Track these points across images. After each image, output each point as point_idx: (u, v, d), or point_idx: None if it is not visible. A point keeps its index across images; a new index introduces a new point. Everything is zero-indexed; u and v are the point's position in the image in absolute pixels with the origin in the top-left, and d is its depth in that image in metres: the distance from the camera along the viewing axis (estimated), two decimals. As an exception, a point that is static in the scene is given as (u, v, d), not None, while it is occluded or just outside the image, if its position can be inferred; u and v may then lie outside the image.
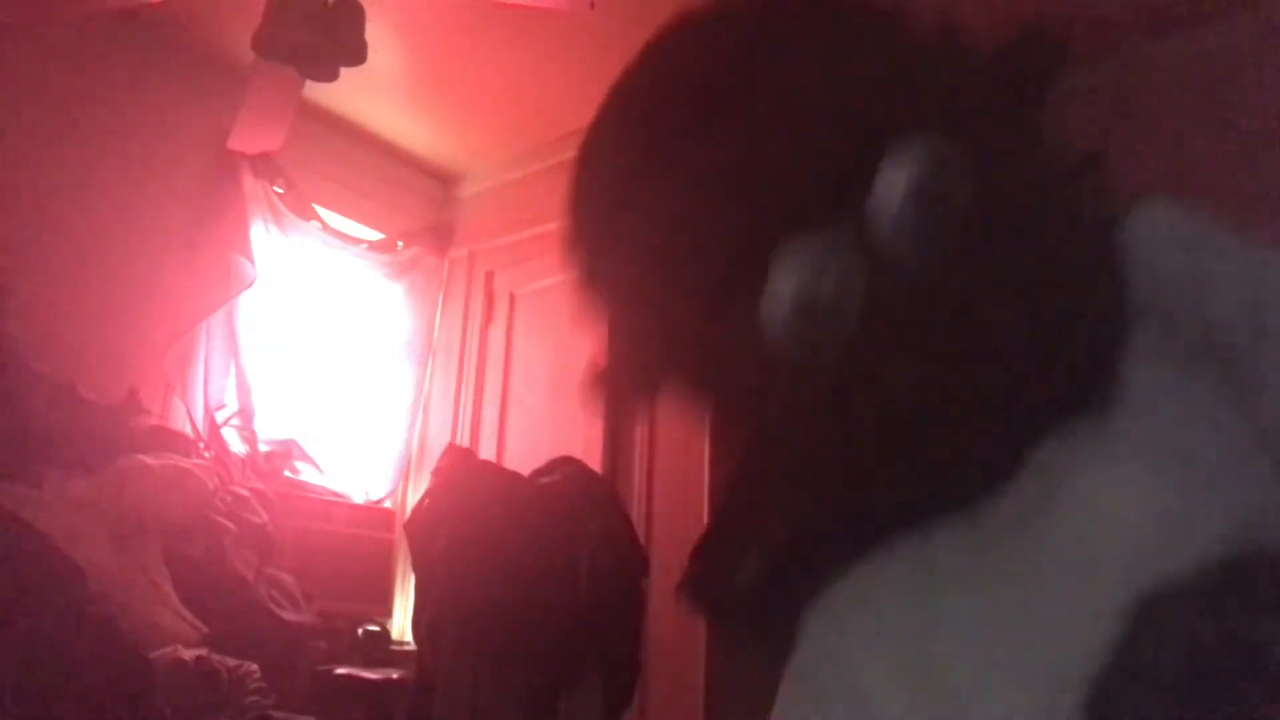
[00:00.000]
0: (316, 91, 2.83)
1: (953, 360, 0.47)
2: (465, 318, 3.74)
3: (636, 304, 0.57)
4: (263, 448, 3.13)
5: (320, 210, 3.50)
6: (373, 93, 3.28)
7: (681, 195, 0.52)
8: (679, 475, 2.85)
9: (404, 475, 3.62)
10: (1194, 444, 0.48)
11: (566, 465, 2.41)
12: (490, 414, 3.52)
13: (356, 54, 2.33)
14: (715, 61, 0.52)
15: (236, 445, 3.05)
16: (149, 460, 2.42)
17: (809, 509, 0.56)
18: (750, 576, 0.60)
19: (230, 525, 2.55)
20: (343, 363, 3.58)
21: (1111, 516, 0.46)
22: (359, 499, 3.46)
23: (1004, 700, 0.45)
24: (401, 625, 3.41)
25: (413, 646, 2.60)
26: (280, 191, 3.33)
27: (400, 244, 3.75)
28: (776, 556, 0.58)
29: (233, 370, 3.12)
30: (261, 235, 3.20)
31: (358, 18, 2.30)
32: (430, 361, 3.78)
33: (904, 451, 0.49)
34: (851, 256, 0.48)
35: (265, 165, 3.24)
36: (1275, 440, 0.48)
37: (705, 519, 2.73)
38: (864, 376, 0.48)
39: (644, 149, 0.54)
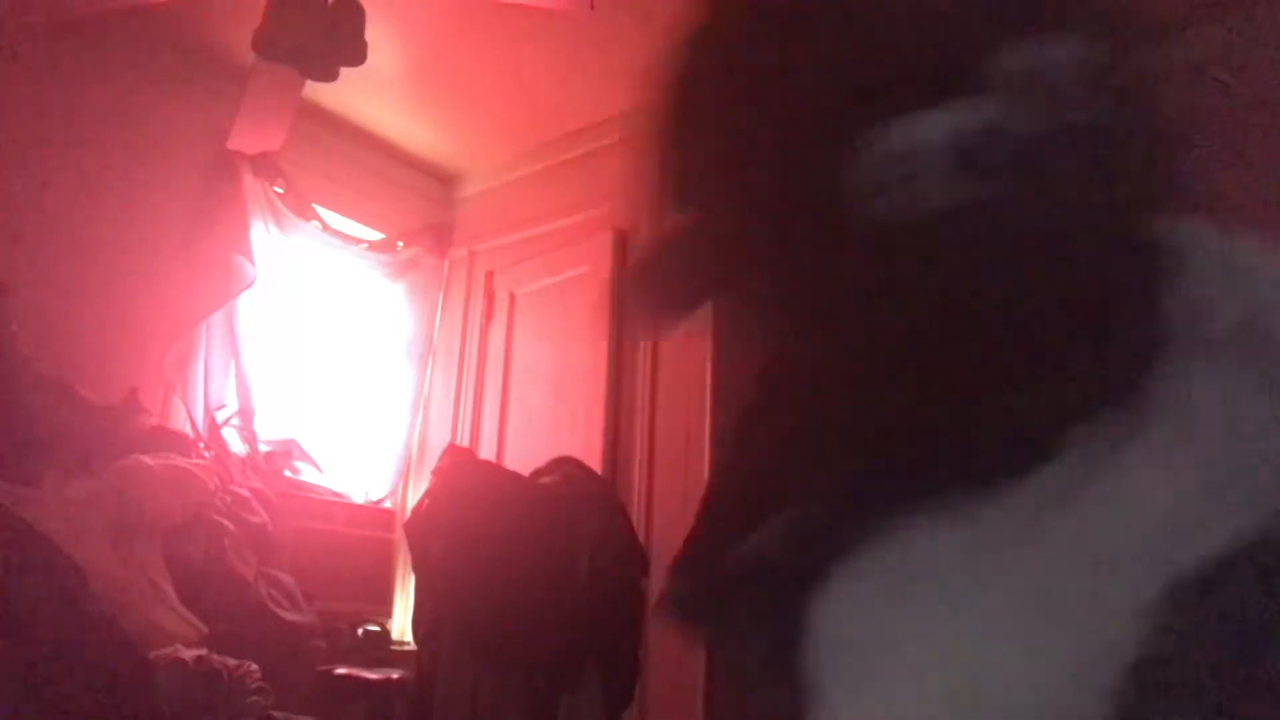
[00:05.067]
0: (316, 91, 2.83)
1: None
2: (465, 318, 3.74)
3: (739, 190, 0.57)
4: (263, 448, 3.13)
5: (320, 210, 3.50)
6: (373, 93, 3.28)
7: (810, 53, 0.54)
8: (679, 475, 2.85)
9: (404, 475, 3.62)
10: (1222, 435, 0.48)
11: (566, 465, 2.41)
12: (490, 414, 3.51)
13: (356, 54, 2.34)
14: None
15: (236, 445, 3.05)
16: (149, 460, 2.42)
17: (834, 477, 0.56)
18: (752, 559, 0.59)
19: (230, 525, 2.55)
20: (343, 363, 3.58)
21: (1138, 506, 0.46)
22: (359, 499, 3.46)
23: (1029, 687, 0.45)
24: (401, 625, 3.41)
25: (413, 646, 2.59)
26: (280, 191, 3.33)
27: (400, 244, 3.75)
28: (779, 544, 0.58)
29: (233, 370, 3.11)
30: (261, 235, 3.20)
31: (358, 18, 2.30)
32: (430, 361, 3.77)
33: (954, 413, 0.49)
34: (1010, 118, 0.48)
35: (265, 165, 3.24)
36: None
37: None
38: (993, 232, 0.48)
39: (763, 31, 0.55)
